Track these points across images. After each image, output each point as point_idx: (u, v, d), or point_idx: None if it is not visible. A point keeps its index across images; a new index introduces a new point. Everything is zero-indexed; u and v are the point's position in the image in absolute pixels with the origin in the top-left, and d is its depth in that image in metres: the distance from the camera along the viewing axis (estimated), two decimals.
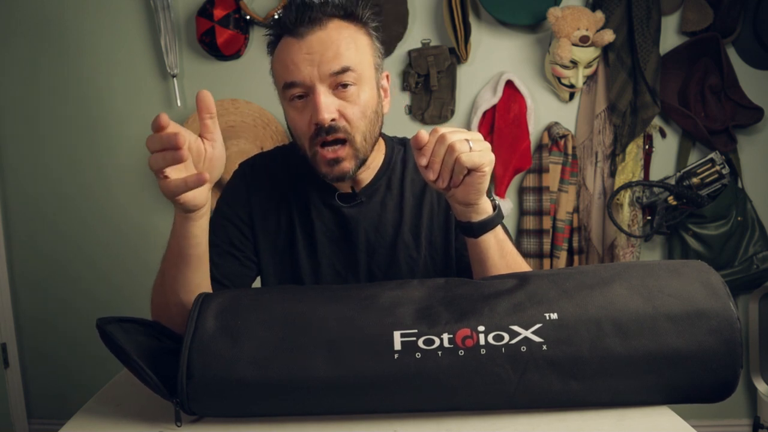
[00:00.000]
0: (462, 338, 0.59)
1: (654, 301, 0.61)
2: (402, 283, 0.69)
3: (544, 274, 0.67)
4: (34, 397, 2.11)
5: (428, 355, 0.59)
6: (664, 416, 0.64)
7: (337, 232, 0.94)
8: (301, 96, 0.82)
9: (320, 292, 0.68)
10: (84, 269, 2.02)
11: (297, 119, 0.83)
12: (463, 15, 1.77)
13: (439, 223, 0.94)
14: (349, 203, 0.93)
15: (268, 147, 1.86)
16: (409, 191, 0.94)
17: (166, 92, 1.92)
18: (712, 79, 1.82)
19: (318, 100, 0.79)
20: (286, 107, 0.86)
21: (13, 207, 2.01)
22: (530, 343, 0.59)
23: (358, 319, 0.61)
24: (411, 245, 0.93)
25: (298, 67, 0.80)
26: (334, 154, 0.82)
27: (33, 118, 1.95)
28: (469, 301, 0.63)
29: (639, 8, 1.77)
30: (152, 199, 1.98)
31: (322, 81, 0.80)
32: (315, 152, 0.83)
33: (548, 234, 1.87)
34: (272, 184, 0.97)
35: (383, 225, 0.94)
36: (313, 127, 0.81)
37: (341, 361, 0.59)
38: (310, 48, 0.80)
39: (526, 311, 0.60)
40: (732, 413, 2.03)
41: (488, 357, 0.59)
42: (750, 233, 1.84)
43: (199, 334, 0.62)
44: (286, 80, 0.82)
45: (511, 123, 1.83)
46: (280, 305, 0.65)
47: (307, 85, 0.80)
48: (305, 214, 0.95)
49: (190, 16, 1.87)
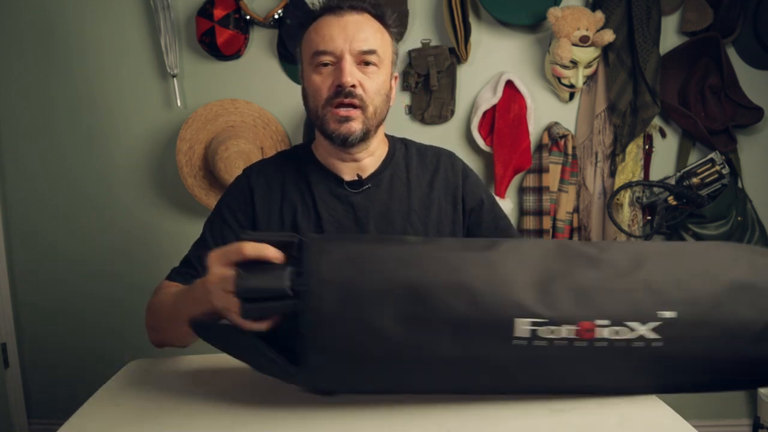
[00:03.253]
0: (582, 330, 0.61)
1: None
2: (516, 246, 0.67)
3: (652, 251, 0.68)
4: (34, 397, 2.11)
5: (548, 343, 0.61)
6: (665, 416, 0.64)
7: (347, 220, 0.96)
8: (326, 64, 0.91)
9: (436, 251, 0.66)
10: (84, 269, 2.02)
11: (318, 82, 0.91)
12: (463, 15, 1.77)
13: (447, 214, 1.00)
14: (357, 189, 0.98)
15: (267, 147, 1.86)
16: (415, 183, 1.00)
17: (166, 92, 1.92)
18: (712, 79, 1.82)
19: (345, 66, 0.89)
20: (309, 72, 0.93)
21: (14, 206, 2.01)
22: (645, 339, 0.62)
23: (480, 296, 0.61)
24: (420, 233, 0.97)
25: (333, 38, 0.90)
26: (347, 112, 0.91)
27: (33, 117, 1.95)
28: (587, 281, 0.64)
29: (639, 8, 1.77)
30: (153, 198, 1.98)
31: (350, 53, 0.90)
32: (327, 111, 0.91)
33: (548, 234, 1.87)
34: (275, 185, 1.00)
35: (391, 212, 0.98)
36: (334, 89, 0.90)
37: (464, 342, 0.61)
38: (346, 25, 0.91)
39: (643, 305, 0.62)
40: (732, 413, 2.04)
41: (606, 350, 0.62)
42: (750, 233, 1.84)
43: (317, 306, 0.61)
44: (318, 48, 0.90)
45: (511, 123, 1.83)
46: (400, 272, 0.63)
47: (336, 54, 0.90)
48: (311, 208, 0.97)
49: (190, 16, 1.87)
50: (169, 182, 1.96)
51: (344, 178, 0.98)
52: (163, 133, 1.94)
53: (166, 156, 1.94)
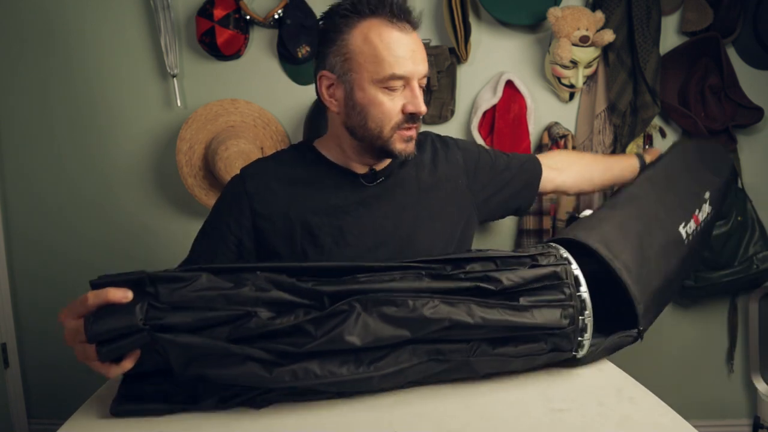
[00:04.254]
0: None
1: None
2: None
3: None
4: (34, 397, 2.11)
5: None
6: (665, 416, 0.65)
7: (363, 211, 0.98)
8: (396, 87, 0.91)
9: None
10: (84, 269, 2.01)
11: (387, 104, 0.91)
12: (463, 15, 1.77)
13: (459, 188, 1.06)
14: (371, 183, 1.00)
15: (267, 147, 1.86)
16: (421, 168, 1.05)
17: (166, 92, 1.92)
18: (712, 79, 1.82)
19: (418, 95, 0.92)
20: (374, 90, 0.91)
21: (14, 207, 2.01)
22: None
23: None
24: (434, 213, 1.02)
25: (407, 62, 0.89)
26: (411, 133, 0.95)
27: (33, 118, 1.95)
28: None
29: (639, 8, 1.77)
30: (153, 198, 1.98)
31: (417, 79, 0.92)
32: (394, 132, 0.93)
33: (548, 234, 1.87)
34: (278, 186, 0.98)
35: (404, 197, 1.01)
36: (407, 115, 0.92)
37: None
38: (413, 47, 0.91)
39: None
40: (732, 413, 2.04)
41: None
42: (750, 233, 1.84)
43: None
44: (395, 72, 0.89)
45: (511, 123, 1.83)
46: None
47: (407, 78, 0.91)
48: (324, 202, 0.97)
49: (190, 16, 1.87)
50: (169, 182, 1.96)
51: (357, 172, 1.00)
52: (163, 133, 1.94)
53: (166, 156, 1.94)
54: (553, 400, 0.69)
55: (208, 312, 0.65)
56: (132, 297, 0.66)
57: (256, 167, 1.03)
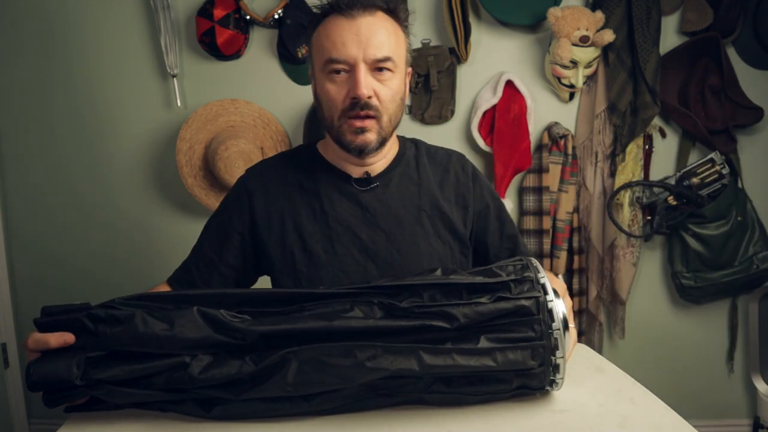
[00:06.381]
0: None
1: None
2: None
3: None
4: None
5: None
6: (665, 416, 0.64)
7: (354, 218, 0.95)
8: (339, 71, 0.88)
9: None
10: (85, 269, 2.01)
11: (333, 91, 0.89)
12: (463, 15, 1.77)
13: (457, 216, 1.00)
14: (365, 187, 0.97)
15: (268, 147, 1.86)
16: (425, 182, 1.00)
17: (166, 92, 1.92)
18: (712, 79, 1.82)
19: (359, 78, 0.86)
20: (322, 79, 0.90)
21: (14, 206, 2.01)
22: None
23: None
24: (431, 233, 0.97)
25: (346, 45, 0.86)
26: (362, 123, 0.89)
27: (33, 118, 1.95)
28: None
29: (639, 8, 1.77)
30: (154, 198, 1.98)
31: (364, 62, 0.86)
32: (343, 122, 0.90)
33: (548, 234, 1.87)
34: (275, 187, 0.98)
35: (401, 210, 0.97)
36: (349, 101, 0.88)
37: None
38: (359, 30, 0.87)
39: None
40: (732, 413, 2.04)
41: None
42: (750, 233, 1.84)
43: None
44: (331, 56, 0.87)
45: (511, 123, 1.83)
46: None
47: (350, 63, 0.87)
48: (317, 207, 0.96)
49: (190, 16, 1.87)
50: (169, 182, 1.96)
51: (352, 175, 0.97)
52: (163, 133, 1.94)
53: (166, 156, 1.94)
54: (553, 401, 0.69)
55: (142, 364, 0.65)
56: (73, 340, 0.67)
57: (260, 167, 1.03)
